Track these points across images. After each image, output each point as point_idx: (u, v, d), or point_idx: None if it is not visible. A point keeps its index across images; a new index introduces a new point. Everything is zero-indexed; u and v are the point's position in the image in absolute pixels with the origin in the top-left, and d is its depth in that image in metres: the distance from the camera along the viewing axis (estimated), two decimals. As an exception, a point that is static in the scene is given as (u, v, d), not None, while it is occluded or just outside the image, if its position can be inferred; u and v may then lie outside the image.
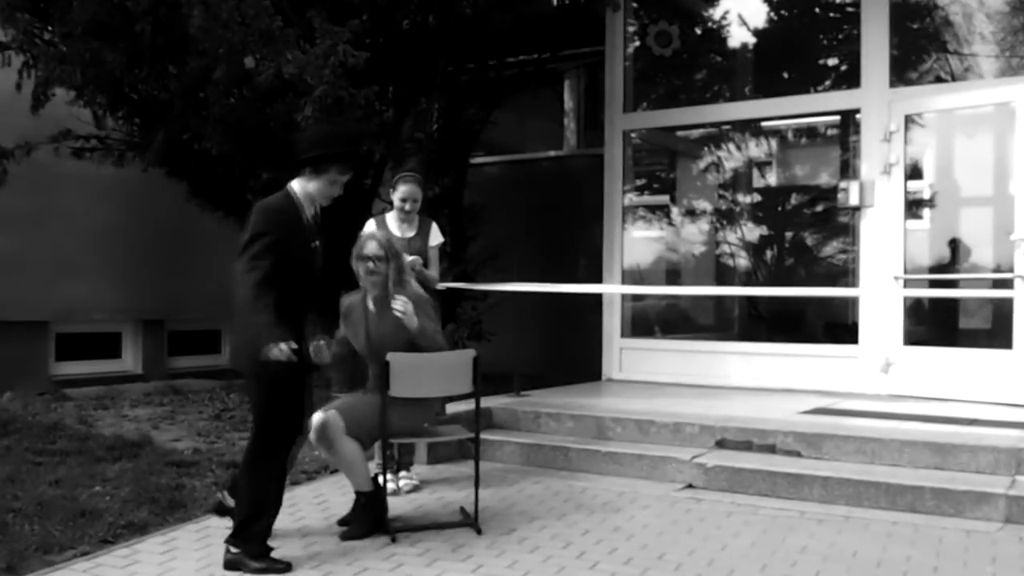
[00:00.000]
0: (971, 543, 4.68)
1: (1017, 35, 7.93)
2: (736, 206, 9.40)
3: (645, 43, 9.32)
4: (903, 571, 4.30)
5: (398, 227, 5.93)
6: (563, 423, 6.84)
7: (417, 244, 5.93)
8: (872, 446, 5.80)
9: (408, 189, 5.86)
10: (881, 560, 4.44)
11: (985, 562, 4.40)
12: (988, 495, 5.12)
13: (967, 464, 5.52)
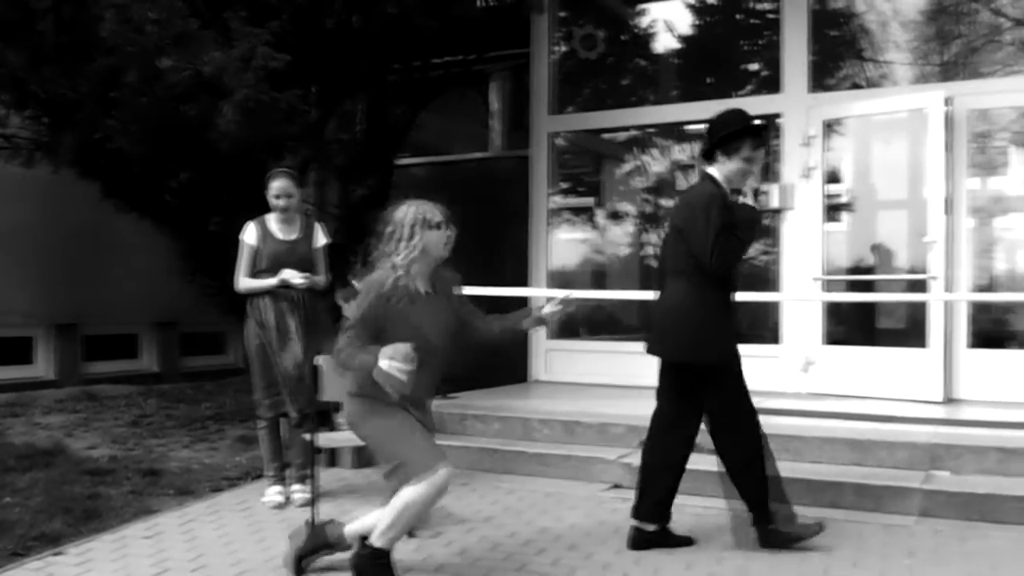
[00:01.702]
0: (889, 537, 4.79)
1: (930, 43, 8.15)
2: (661, 209, 9.48)
3: (571, 46, 9.38)
4: (824, 566, 4.37)
5: (279, 229, 5.61)
6: (490, 425, 6.82)
7: (302, 248, 5.62)
8: (795, 444, 5.89)
9: (281, 184, 5.52)
10: (803, 555, 4.51)
11: (902, 555, 4.50)
12: (905, 490, 5.24)
13: (885, 460, 5.65)
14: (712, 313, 4.57)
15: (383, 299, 3.96)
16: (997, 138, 7.79)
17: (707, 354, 4.58)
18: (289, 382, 5.43)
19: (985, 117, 7.71)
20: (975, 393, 7.35)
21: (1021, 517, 4.96)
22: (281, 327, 5.47)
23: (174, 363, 11.25)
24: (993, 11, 7.87)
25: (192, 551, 4.59)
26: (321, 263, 5.74)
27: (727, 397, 4.64)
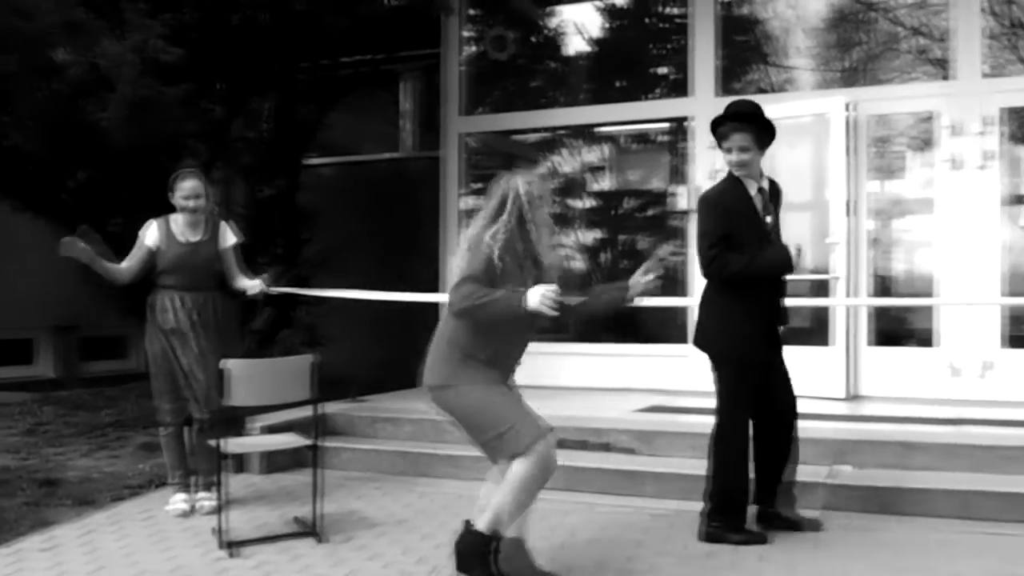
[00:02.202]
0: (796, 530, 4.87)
1: (831, 50, 8.36)
2: (571, 210, 9.54)
3: (482, 47, 9.37)
4: (731, 560, 4.43)
5: (183, 231, 5.35)
6: (401, 427, 6.76)
7: (207, 250, 5.40)
8: (702, 441, 5.89)
9: (192, 185, 5.29)
10: (711, 551, 4.57)
11: (808, 548, 4.59)
12: (810, 484, 5.33)
13: (791, 456, 5.75)
14: (719, 310, 4.70)
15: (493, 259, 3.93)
16: (895, 143, 8.04)
17: (707, 346, 4.77)
18: (195, 387, 5.29)
19: (884, 122, 7.95)
20: (877, 390, 7.58)
21: (920, 509, 5.10)
22: (184, 330, 5.32)
23: (73, 368, 10.89)
24: (891, 20, 8.12)
25: (92, 563, 4.44)
26: (233, 263, 5.58)
27: (722, 392, 4.74)
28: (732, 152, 4.59)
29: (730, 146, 4.59)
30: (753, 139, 4.58)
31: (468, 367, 4.03)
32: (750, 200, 4.64)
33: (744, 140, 4.56)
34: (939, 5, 7.82)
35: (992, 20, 7.68)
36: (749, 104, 4.72)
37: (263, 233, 8.43)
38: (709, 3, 8.29)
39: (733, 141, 4.58)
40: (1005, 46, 7.72)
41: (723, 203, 4.67)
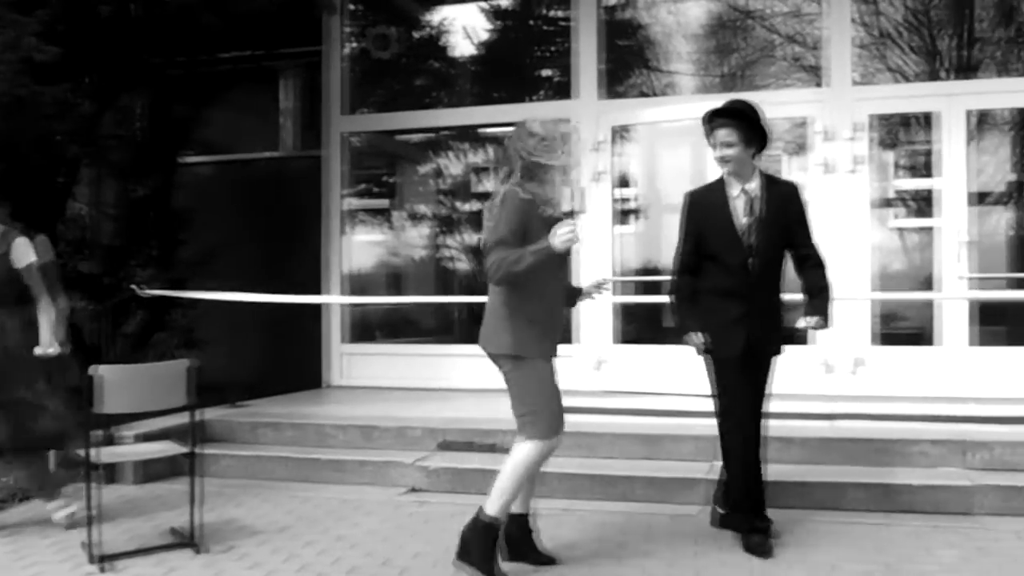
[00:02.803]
0: (676, 526, 4.96)
1: (711, 56, 8.56)
2: (457, 211, 9.52)
3: (364, 45, 9.26)
4: (617, 556, 4.48)
5: None
6: (283, 432, 6.62)
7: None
8: (588, 440, 6.01)
9: None
10: (597, 550, 4.60)
11: (689, 543, 4.67)
12: (691, 480, 5.45)
13: (672, 453, 5.85)
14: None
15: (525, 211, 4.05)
16: (772, 147, 8.21)
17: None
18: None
19: (762, 126, 8.15)
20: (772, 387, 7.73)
21: (798, 501, 5.25)
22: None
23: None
24: (767, 28, 8.35)
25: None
26: (37, 283, 5.10)
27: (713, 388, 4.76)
28: (717, 148, 4.56)
29: (715, 142, 4.56)
30: (739, 136, 4.51)
31: (530, 337, 4.18)
32: (726, 202, 4.58)
33: (728, 136, 4.51)
34: (813, 15, 8.09)
35: (862, 30, 7.98)
36: (742, 102, 4.69)
37: (136, 234, 8.15)
38: (592, 7, 8.39)
39: (719, 137, 4.54)
40: (874, 55, 8.03)
41: (696, 202, 4.70)
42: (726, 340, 4.58)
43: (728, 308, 4.56)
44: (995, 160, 8.10)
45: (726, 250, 4.56)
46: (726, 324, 4.57)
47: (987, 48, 7.97)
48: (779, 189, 4.67)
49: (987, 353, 7.53)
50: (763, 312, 4.59)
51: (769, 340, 4.65)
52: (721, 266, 4.60)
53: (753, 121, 4.56)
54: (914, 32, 8.08)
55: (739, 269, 4.54)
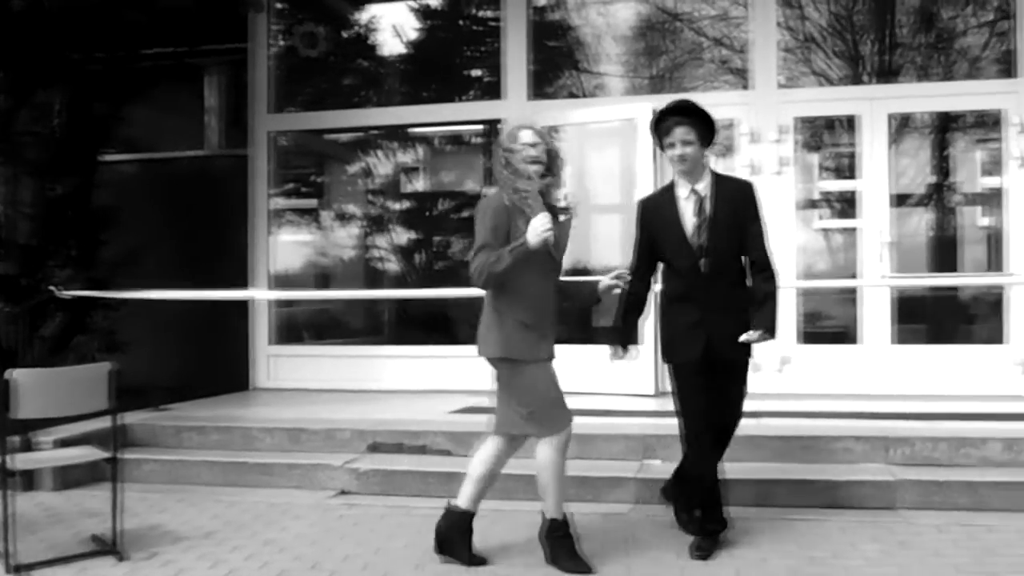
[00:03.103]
0: (608, 525, 4.98)
1: (639, 58, 8.63)
2: (386, 211, 9.45)
3: (292, 43, 9.14)
4: (543, 556, 4.46)
5: None
6: (209, 436, 6.50)
7: None
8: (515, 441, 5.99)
9: None
10: (529, 550, 4.59)
11: (619, 541, 4.69)
12: (621, 479, 5.48)
13: (604, 452, 5.88)
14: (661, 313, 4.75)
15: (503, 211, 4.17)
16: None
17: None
18: None
19: (689, 128, 8.24)
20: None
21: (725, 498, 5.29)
22: None
23: None
24: (695, 31, 8.45)
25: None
26: None
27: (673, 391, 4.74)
28: (676, 146, 4.43)
29: (673, 140, 4.44)
30: (696, 134, 4.44)
31: (520, 340, 4.25)
32: (675, 204, 4.53)
33: (687, 134, 4.42)
34: (739, 18, 8.20)
35: (788, 34, 8.12)
36: (690, 102, 4.63)
37: (55, 234, 7.91)
38: (521, 8, 8.39)
39: (676, 135, 4.43)
40: (799, 59, 8.18)
41: (647, 209, 4.67)
42: (684, 345, 4.53)
43: (684, 312, 4.53)
44: (916, 163, 8.31)
45: (676, 253, 4.52)
46: (684, 329, 4.53)
47: (908, 53, 8.17)
48: (731, 187, 4.59)
49: (908, 351, 7.72)
50: (723, 313, 4.47)
51: (733, 342, 4.46)
52: (674, 270, 4.58)
53: (707, 120, 4.53)
54: (838, 37, 8.25)
55: (691, 271, 4.49)
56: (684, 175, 4.52)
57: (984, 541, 4.59)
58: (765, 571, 4.25)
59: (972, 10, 8.07)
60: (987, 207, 8.23)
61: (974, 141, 8.33)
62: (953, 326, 8.45)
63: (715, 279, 4.48)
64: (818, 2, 8.18)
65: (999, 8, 7.91)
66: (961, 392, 7.41)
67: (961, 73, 8.01)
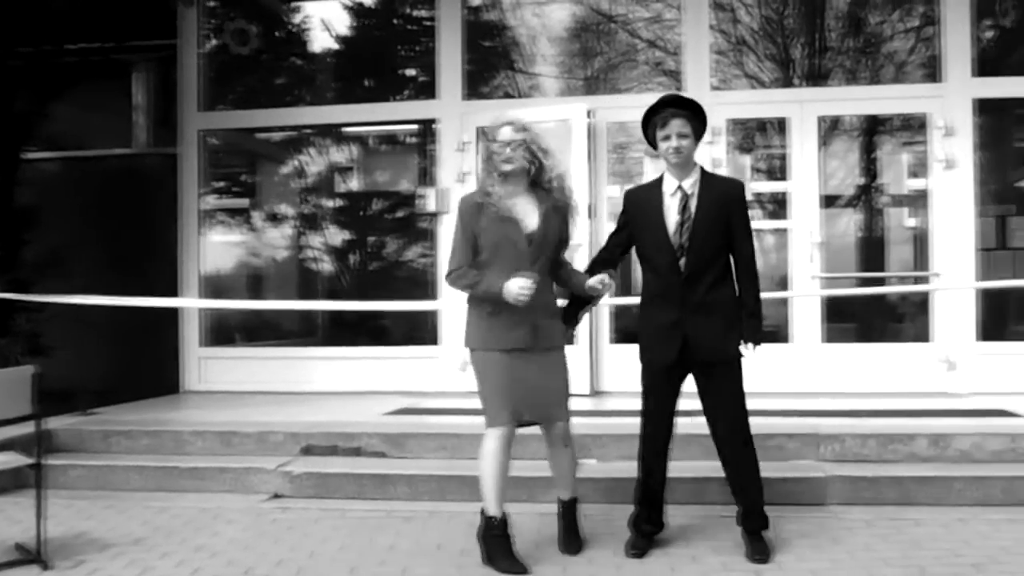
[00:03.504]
0: (543, 525, 4.95)
1: (575, 59, 8.67)
2: (319, 211, 9.36)
3: (222, 40, 8.99)
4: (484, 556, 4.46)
5: None
6: (138, 440, 6.37)
7: None
8: (452, 441, 5.99)
9: None
10: (464, 549, 4.58)
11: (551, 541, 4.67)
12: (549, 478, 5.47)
13: (538, 452, 5.71)
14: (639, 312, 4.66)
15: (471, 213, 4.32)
16: (634, 149, 8.42)
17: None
18: None
19: (623, 129, 8.31)
20: (617, 385, 7.90)
21: (660, 498, 5.34)
22: None
23: None
24: (629, 33, 8.51)
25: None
26: None
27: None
28: (672, 138, 4.33)
29: (669, 133, 4.34)
30: (691, 127, 4.38)
31: (482, 330, 4.38)
32: (660, 200, 4.45)
33: (683, 127, 4.34)
34: (672, 21, 8.28)
35: (720, 37, 8.21)
36: (683, 95, 4.62)
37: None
38: (456, 7, 8.37)
39: (673, 127, 4.34)
40: (732, 62, 8.28)
41: (631, 200, 4.61)
42: (660, 346, 4.46)
43: (662, 313, 4.43)
44: (845, 165, 8.47)
45: (656, 249, 4.43)
46: (660, 330, 4.45)
47: (837, 57, 8.32)
48: (719, 186, 4.50)
49: (837, 349, 7.86)
50: (701, 314, 4.38)
51: (713, 344, 4.40)
52: (653, 269, 4.49)
53: (701, 114, 4.48)
54: (769, 40, 8.38)
55: (669, 270, 4.39)
56: (675, 169, 4.43)
57: (911, 535, 4.68)
58: (698, 568, 4.28)
59: (899, 16, 8.25)
60: (913, 208, 8.42)
61: (901, 144, 8.51)
62: (881, 325, 8.64)
63: (695, 279, 4.38)
64: (750, 6, 8.30)
65: (924, 14, 8.10)
66: (889, 389, 7.59)
67: (888, 77, 8.19)
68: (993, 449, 5.61)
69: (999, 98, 8.01)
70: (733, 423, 4.53)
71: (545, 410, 4.45)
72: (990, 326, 7.86)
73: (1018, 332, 8.66)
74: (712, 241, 4.39)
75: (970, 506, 5.17)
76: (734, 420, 4.52)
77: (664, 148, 4.41)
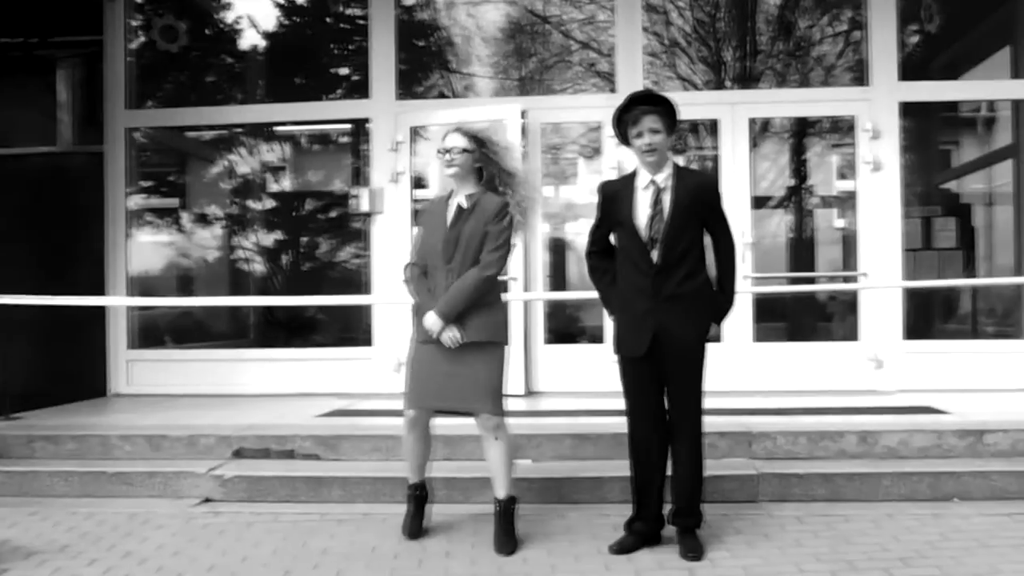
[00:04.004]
0: (478, 525, 4.96)
1: (509, 59, 8.67)
2: (251, 211, 9.23)
3: (151, 36, 8.82)
4: (419, 559, 4.46)
5: None
6: (63, 445, 6.21)
7: None
8: (387, 443, 5.95)
9: None
10: (398, 552, 4.56)
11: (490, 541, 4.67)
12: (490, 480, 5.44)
13: (472, 453, 5.81)
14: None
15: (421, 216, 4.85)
16: (567, 150, 8.46)
17: None
18: None
19: (557, 130, 8.35)
20: (551, 385, 7.93)
21: (594, 496, 5.39)
22: None
23: None
24: (563, 33, 8.54)
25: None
26: None
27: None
28: (644, 135, 4.38)
29: (641, 129, 4.39)
30: (663, 123, 4.41)
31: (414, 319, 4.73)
32: (633, 193, 4.49)
33: (656, 122, 4.38)
34: (606, 22, 8.33)
35: (653, 39, 8.28)
36: (654, 91, 4.62)
37: None
38: (389, 6, 8.30)
39: (645, 124, 4.38)
40: (664, 64, 8.35)
41: (606, 193, 4.62)
42: (632, 336, 4.50)
43: (635, 303, 4.48)
44: (775, 166, 8.61)
45: (630, 241, 4.47)
46: (633, 321, 4.49)
47: (768, 60, 8.45)
48: (691, 180, 4.54)
49: (768, 349, 7.97)
50: (674, 304, 4.43)
51: (682, 332, 4.46)
52: (629, 260, 4.51)
53: (672, 109, 4.50)
54: (701, 43, 8.47)
55: (642, 260, 4.43)
56: (649, 165, 4.47)
57: (841, 530, 4.77)
58: (633, 566, 4.31)
59: (828, 20, 8.40)
60: (842, 209, 8.58)
61: (830, 146, 8.68)
62: (811, 324, 8.78)
63: (667, 271, 4.42)
64: (682, 8, 8.38)
65: (852, 19, 8.26)
66: (819, 387, 7.72)
67: (817, 80, 8.33)
68: (919, 446, 5.74)
69: (924, 102, 8.20)
70: (690, 417, 4.56)
71: (460, 401, 4.62)
72: (916, 325, 8.04)
73: (943, 330, 8.89)
74: (684, 234, 4.44)
75: (897, 501, 5.29)
76: (691, 414, 4.56)
77: (637, 145, 4.45)
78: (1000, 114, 9.71)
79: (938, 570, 4.14)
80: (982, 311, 9.32)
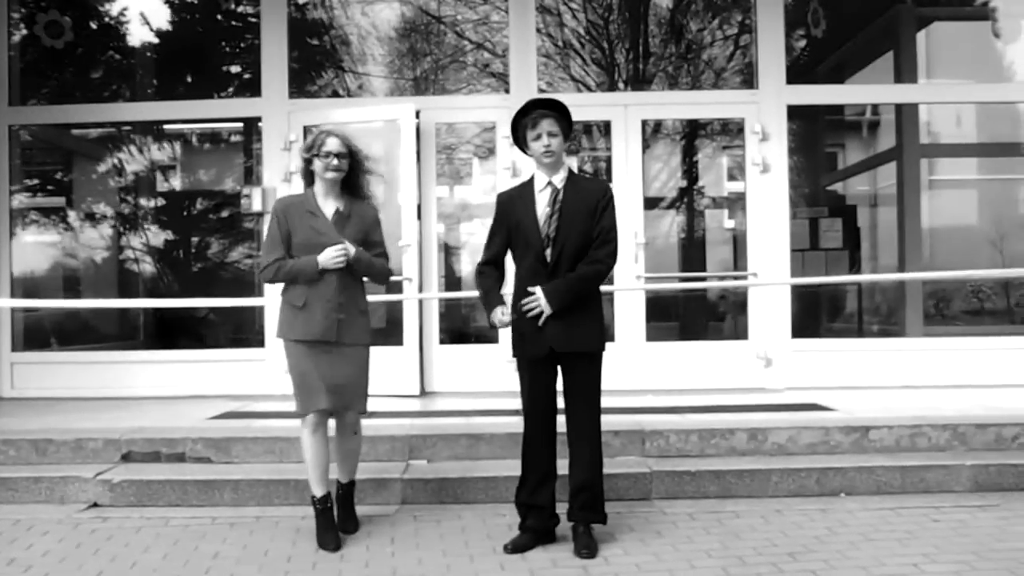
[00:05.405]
0: (373, 527, 4.96)
1: (403, 59, 8.66)
2: (140, 210, 9.03)
3: (34, 32, 8.55)
4: (312, 562, 4.43)
5: None
6: (-59, 452, 5.98)
7: None
8: (280, 445, 5.89)
9: None
10: (291, 555, 4.53)
11: (385, 543, 4.70)
12: (387, 480, 5.47)
13: (368, 453, 5.83)
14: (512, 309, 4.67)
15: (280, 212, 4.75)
16: (462, 150, 8.50)
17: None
18: None
19: (452, 131, 8.38)
20: (446, 385, 7.95)
21: (488, 495, 5.42)
22: None
23: None
24: (457, 34, 8.57)
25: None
26: None
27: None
28: (543, 137, 4.49)
29: (540, 132, 4.49)
30: (560, 127, 4.52)
31: (286, 320, 4.73)
32: (532, 195, 4.58)
33: (553, 126, 4.50)
34: (500, 23, 8.38)
35: (547, 40, 8.36)
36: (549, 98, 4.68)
37: None
38: (281, 4, 8.19)
39: (543, 127, 4.50)
40: (558, 65, 8.45)
41: (503, 201, 4.67)
42: (530, 339, 4.56)
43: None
44: (667, 167, 8.79)
45: (526, 241, 4.54)
46: (530, 323, 4.53)
47: (660, 63, 8.62)
48: (585, 184, 4.65)
49: (660, 348, 8.12)
50: (569, 307, 4.50)
51: (574, 336, 4.53)
52: (526, 262, 4.56)
53: (567, 115, 4.62)
54: (594, 45, 8.60)
55: (538, 261, 4.50)
56: (546, 168, 4.58)
57: (731, 526, 4.90)
58: (527, 565, 4.37)
59: (718, 24, 8.61)
60: (732, 210, 8.80)
61: (720, 148, 8.90)
62: (702, 324, 8.98)
63: (561, 270, 4.49)
64: (576, 10, 8.49)
65: (742, 23, 8.47)
66: (710, 385, 7.89)
67: (708, 83, 8.53)
68: (807, 442, 5.91)
69: (810, 105, 8.45)
70: (589, 416, 4.64)
71: (345, 400, 4.75)
72: (803, 324, 8.26)
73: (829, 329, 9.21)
74: (579, 235, 4.52)
75: (786, 497, 5.45)
76: (590, 413, 4.65)
77: (536, 148, 4.56)
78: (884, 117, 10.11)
79: (824, 564, 4.28)
80: (867, 310, 9.68)
